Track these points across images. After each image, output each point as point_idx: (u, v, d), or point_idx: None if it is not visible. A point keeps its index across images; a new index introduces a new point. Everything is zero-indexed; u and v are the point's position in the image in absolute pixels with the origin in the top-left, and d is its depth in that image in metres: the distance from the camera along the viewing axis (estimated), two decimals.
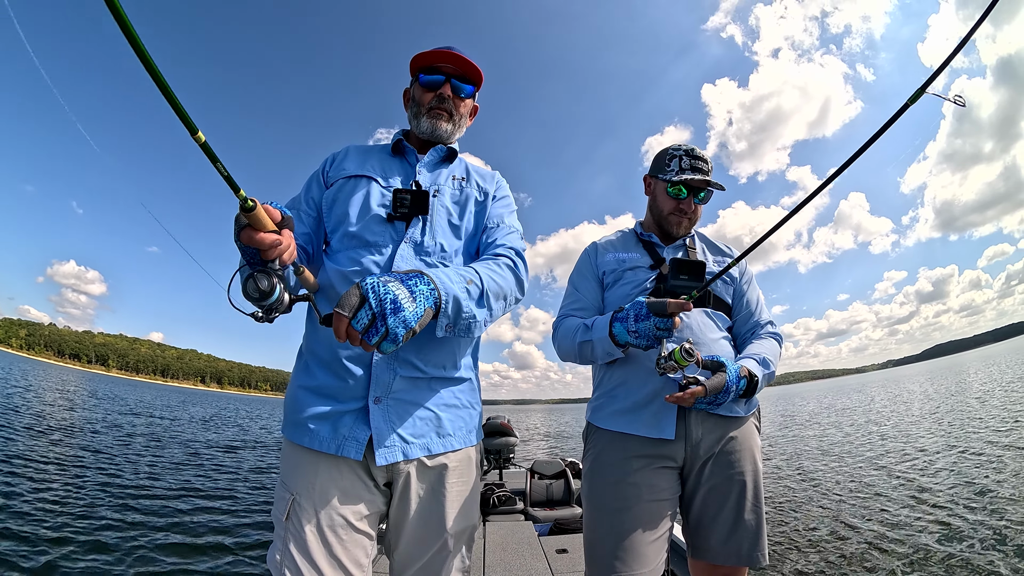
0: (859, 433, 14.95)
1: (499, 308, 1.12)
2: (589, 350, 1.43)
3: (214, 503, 7.36)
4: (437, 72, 1.30)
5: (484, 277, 1.08)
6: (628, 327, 1.27)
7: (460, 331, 1.01)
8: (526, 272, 1.24)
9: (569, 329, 1.51)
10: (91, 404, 26.86)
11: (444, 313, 0.96)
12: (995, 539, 4.74)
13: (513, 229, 1.31)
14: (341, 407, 1.09)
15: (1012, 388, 22.16)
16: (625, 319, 1.28)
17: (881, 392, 41.03)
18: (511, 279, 1.17)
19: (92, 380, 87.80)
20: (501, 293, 1.12)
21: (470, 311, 1.01)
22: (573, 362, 1.55)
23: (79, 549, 4.88)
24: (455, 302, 0.97)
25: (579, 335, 1.45)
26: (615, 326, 1.31)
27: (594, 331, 1.39)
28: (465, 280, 1.03)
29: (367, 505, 1.09)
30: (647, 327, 1.23)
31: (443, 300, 0.95)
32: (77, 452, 10.59)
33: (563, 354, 1.56)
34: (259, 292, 0.88)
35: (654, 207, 1.63)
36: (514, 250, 1.24)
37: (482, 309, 1.05)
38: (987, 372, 39.59)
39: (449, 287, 0.97)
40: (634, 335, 1.26)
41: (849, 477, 8.58)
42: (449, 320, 0.97)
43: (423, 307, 0.89)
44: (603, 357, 1.42)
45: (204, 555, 5.09)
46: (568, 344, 1.50)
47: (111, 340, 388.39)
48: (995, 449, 9.16)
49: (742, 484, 1.39)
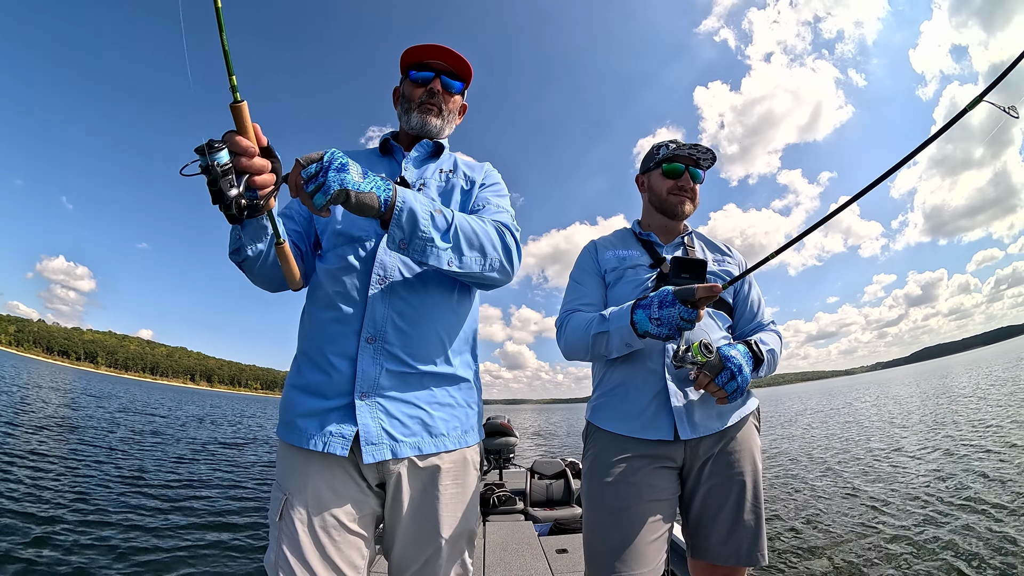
0: (854, 433, 15.07)
1: (472, 257, 1.08)
2: (604, 342, 1.37)
3: (211, 503, 7.29)
4: (427, 68, 1.30)
5: (458, 217, 1.06)
6: (651, 314, 1.21)
7: (415, 251, 0.99)
8: (517, 246, 1.18)
9: (580, 322, 1.46)
10: (85, 402, 26.47)
11: (396, 222, 0.95)
12: (991, 537, 4.81)
13: (502, 209, 1.26)
14: (327, 404, 1.07)
15: (993, 391, 22.39)
16: (649, 306, 1.22)
17: (868, 394, 41.28)
18: (493, 235, 1.13)
19: (82, 377, 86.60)
20: (476, 241, 1.08)
21: (428, 232, 0.99)
22: (580, 359, 1.51)
23: (73, 548, 4.83)
24: (410, 214, 0.96)
25: (594, 326, 1.39)
26: (637, 313, 1.25)
27: (611, 321, 1.34)
28: (434, 207, 1.02)
29: (360, 506, 1.08)
30: (671, 315, 1.17)
31: (397, 205, 0.94)
32: (73, 450, 10.44)
33: (571, 349, 1.49)
34: (202, 147, 0.82)
35: (653, 198, 1.63)
36: (501, 222, 1.19)
37: (446, 242, 1.02)
38: (975, 375, 39.95)
39: (411, 201, 0.97)
40: (656, 323, 1.19)
41: (848, 476, 8.67)
42: (403, 234, 0.96)
43: (369, 187, 0.91)
44: (618, 349, 1.36)
45: (203, 556, 5.06)
46: (579, 338, 1.44)
47: (100, 337, 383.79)
48: (983, 450, 9.26)
49: (742, 484, 1.40)
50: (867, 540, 5.23)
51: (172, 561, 4.81)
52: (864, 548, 5.02)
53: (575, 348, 1.48)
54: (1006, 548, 4.53)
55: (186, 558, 4.93)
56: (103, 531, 5.42)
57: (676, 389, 1.40)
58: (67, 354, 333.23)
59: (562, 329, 1.53)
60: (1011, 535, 4.81)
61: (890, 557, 4.71)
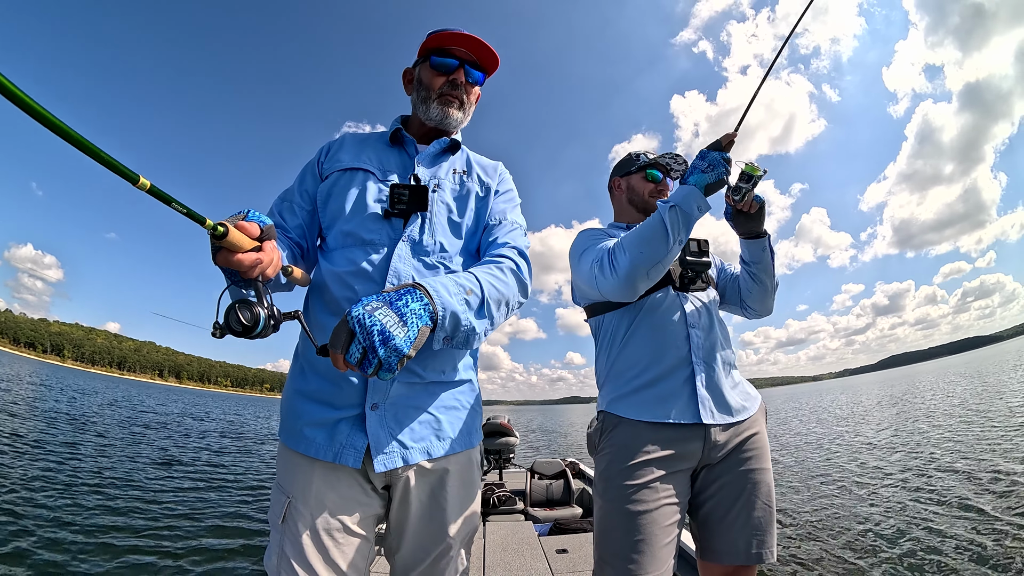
0: (845, 434, 15.42)
1: (500, 316, 1.08)
2: (677, 217, 1.31)
3: (209, 503, 7.14)
4: (451, 55, 1.23)
5: (485, 284, 1.03)
6: (700, 167, 1.33)
7: (458, 343, 0.97)
8: (530, 273, 1.19)
9: (635, 234, 1.37)
10: (80, 400, 25.78)
11: (441, 327, 0.91)
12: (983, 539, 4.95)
13: (516, 226, 1.26)
14: (337, 414, 1.06)
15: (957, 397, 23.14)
16: (693, 169, 1.34)
17: (839, 397, 42.39)
18: (513, 284, 1.12)
19: (51, 371, 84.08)
20: (503, 300, 1.07)
21: (469, 324, 0.96)
22: (651, 265, 1.34)
23: (68, 550, 4.72)
24: (453, 317, 0.93)
25: (663, 214, 1.32)
26: (688, 180, 1.34)
27: (671, 202, 1.33)
28: (464, 291, 0.98)
29: (364, 509, 1.07)
30: (714, 157, 1.32)
31: (439, 315, 0.90)
32: (69, 448, 10.19)
33: (635, 263, 1.34)
34: (242, 327, 0.83)
35: (634, 198, 1.72)
36: (517, 249, 1.19)
37: (482, 320, 1.01)
38: (942, 382, 41.28)
39: (447, 300, 0.92)
40: (709, 169, 1.31)
41: (850, 473, 8.86)
42: (447, 334, 0.93)
43: (415, 329, 0.84)
44: (693, 218, 1.32)
45: (201, 557, 4.98)
46: (645, 242, 1.33)
47: (67, 329, 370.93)
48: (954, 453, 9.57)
49: (755, 482, 1.41)
50: (868, 538, 5.34)
51: (172, 561, 4.74)
52: (868, 545, 5.12)
53: (643, 252, 1.34)
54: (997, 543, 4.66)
55: (184, 559, 4.85)
56: (96, 534, 5.30)
57: (702, 374, 1.45)
58: (34, 346, 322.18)
59: (617, 250, 1.39)
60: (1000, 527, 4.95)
61: (892, 554, 4.80)
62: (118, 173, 0.59)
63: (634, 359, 1.50)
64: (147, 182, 0.62)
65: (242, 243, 0.81)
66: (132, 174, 0.60)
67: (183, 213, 0.69)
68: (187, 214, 0.70)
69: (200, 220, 0.73)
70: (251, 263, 0.83)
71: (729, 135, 1.34)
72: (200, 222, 0.73)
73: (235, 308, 0.83)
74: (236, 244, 0.80)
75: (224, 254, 0.81)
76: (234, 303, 0.84)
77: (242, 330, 0.83)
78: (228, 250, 0.80)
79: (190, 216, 0.71)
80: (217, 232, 0.76)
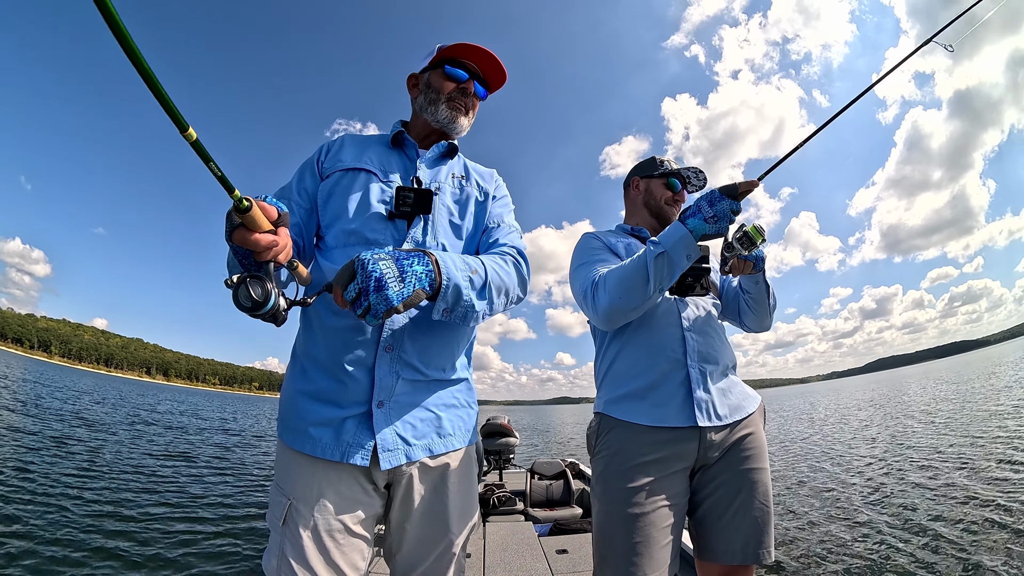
0: (843, 433, 15.50)
1: (500, 303, 1.12)
2: (664, 264, 1.31)
3: (207, 503, 7.05)
4: (463, 67, 1.28)
5: (489, 269, 1.08)
6: (704, 215, 1.26)
7: (456, 317, 1.02)
8: (528, 272, 1.23)
9: (622, 269, 1.39)
10: (76, 399, 25.43)
11: (443, 297, 0.96)
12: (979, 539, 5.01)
13: (513, 228, 1.31)
14: (342, 412, 1.06)
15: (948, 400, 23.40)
16: (698, 211, 1.28)
17: (826, 399, 42.67)
18: (515, 276, 1.17)
19: (39, 368, 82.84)
20: (503, 288, 1.12)
21: (469, 300, 1.01)
22: (624, 311, 1.40)
23: (65, 551, 4.69)
24: (455, 289, 0.97)
25: (648, 257, 1.33)
26: (688, 222, 1.29)
27: (664, 242, 1.32)
28: (470, 269, 1.03)
29: (366, 509, 1.07)
30: (723, 208, 1.25)
31: (443, 284, 0.96)
32: (57, 444, 10.04)
33: (616, 301, 1.38)
34: (251, 301, 0.82)
35: (649, 201, 1.74)
36: (516, 249, 1.24)
37: (482, 300, 1.05)
38: (928, 385, 41.68)
39: (452, 273, 0.97)
40: (713, 220, 1.26)
41: (848, 478, 8.89)
42: (447, 305, 0.98)
43: (411, 288, 0.89)
44: (678, 267, 1.32)
45: (199, 558, 4.96)
46: (628, 281, 1.35)
47: (54, 325, 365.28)
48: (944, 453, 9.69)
49: (752, 481, 1.42)
50: (867, 538, 5.37)
51: (168, 562, 4.71)
52: (868, 545, 5.15)
53: (622, 296, 1.37)
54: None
55: (181, 559, 4.82)
56: (94, 536, 5.27)
57: (697, 377, 1.45)
58: (21, 342, 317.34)
59: (600, 287, 1.43)
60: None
61: (891, 555, 4.84)
62: (172, 117, 0.61)
63: (630, 362, 1.51)
64: (194, 133, 0.63)
65: (261, 223, 0.80)
66: (184, 122, 0.61)
67: (217, 176, 0.71)
68: (220, 178, 0.71)
69: (230, 188, 0.73)
70: (267, 244, 0.82)
71: (751, 183, 1.27)
72: (229, 190, 0.74)
73: (246, 282, 0.83)
74: (256, 222, 0.79)
75: (242, 231, 0.80)
76: (245, 276, 0.83)
77: (251, 306, 0.83)
78: (247, 227, 0.80)
79: (222, 181, 0.72)
80: (242, 206, 0.76)
